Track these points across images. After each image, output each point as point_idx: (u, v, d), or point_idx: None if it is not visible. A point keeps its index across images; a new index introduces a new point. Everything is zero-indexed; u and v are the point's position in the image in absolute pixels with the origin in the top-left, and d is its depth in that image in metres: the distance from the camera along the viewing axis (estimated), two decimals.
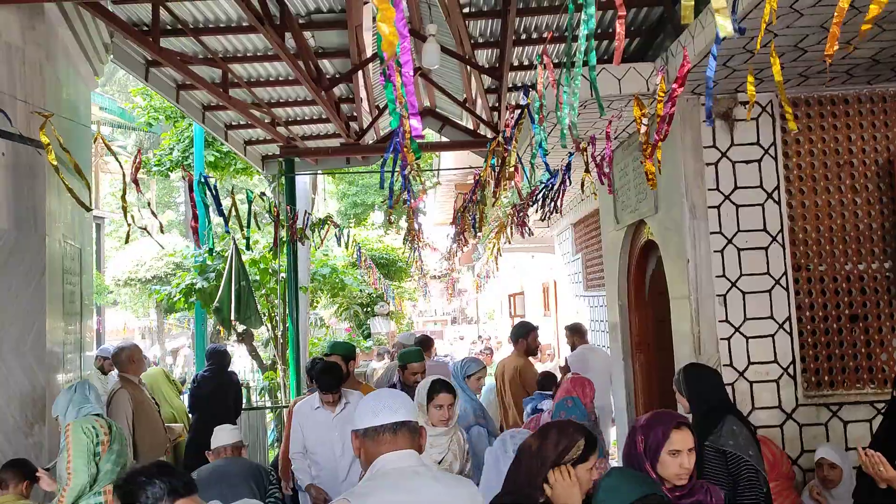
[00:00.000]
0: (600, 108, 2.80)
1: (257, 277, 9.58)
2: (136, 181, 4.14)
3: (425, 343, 7.44)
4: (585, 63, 2.50)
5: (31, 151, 4.33)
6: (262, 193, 6.80)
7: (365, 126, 8.25)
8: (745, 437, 3.43)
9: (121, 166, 4.16)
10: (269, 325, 10.05)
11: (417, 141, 4.34)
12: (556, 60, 6.44)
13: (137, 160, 4.20)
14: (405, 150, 2.94)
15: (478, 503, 2.40)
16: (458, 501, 2.29)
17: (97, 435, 3.90)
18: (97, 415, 4.01)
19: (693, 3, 1.94)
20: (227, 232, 5.89)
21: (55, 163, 3.68)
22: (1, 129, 4.13)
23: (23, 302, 4.20)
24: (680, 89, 2.63)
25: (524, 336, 6.42)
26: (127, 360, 5.61)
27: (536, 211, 7.45)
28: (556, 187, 5.98)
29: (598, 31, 5.92)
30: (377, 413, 2.29)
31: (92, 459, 3.83)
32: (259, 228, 8.71)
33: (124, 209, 4.19)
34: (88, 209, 3.90)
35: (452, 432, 3.99)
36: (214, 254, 9.50)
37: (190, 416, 7.06)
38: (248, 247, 7.32)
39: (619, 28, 2.13)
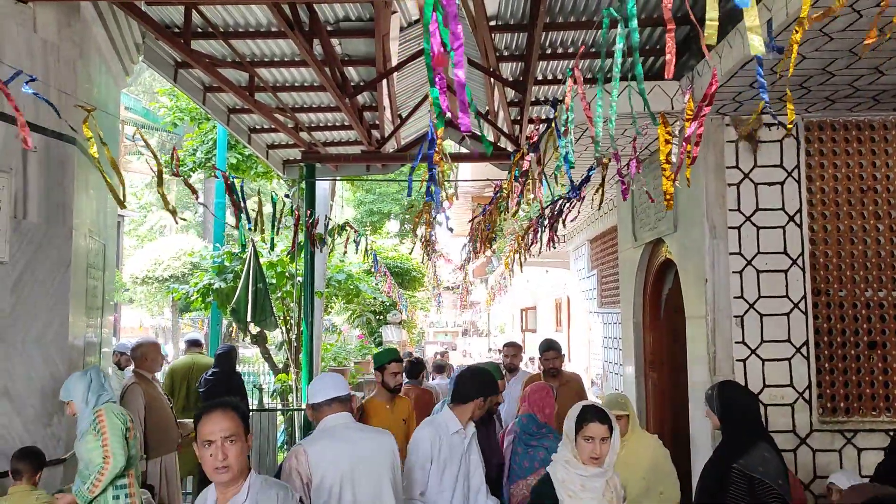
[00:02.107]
0: (653, 119, 2.84)
1: (273, 280, 9.64)
2: (177, 174, 4.21)
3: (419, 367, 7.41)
4: (625, 77, 2.53)
5: (61, 147, 4.40)
6: (287, 195, 6.87)
7: (386, 134, 8.29)
8: (776, 465, 3.37)
9: (157, 161, 4.23)
10: (283, 329, 10.11)
11: (439, 152, 4.38)
12: (583, 76, 6.45)
13: (175, 157, 4.28)
14: (438, 155, 2.97)
15: (394, 451, 3.40)
16: (380, 447, 3.34)
17: (126, 421, 4.02)
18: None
19: (717, 24, 1.95)
20: (251, 229, 5.94)
21: (97, 155, 3.75)
22: (34, 123, 4.21)
23: (48, 294, 4.25)
24: (708, 108, 2.65)
25: (540, 354, 6.31)
26: (142, 356, 5.68)
27: (549, 228, 7.47)
28: (572, 201, 6.01)
29: (627, 47, 5.94)
30: (323, 391, 3.42)
31: (125, 443, 3.95)
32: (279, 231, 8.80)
33: (163, 197, 4.27)
34: (123, 205, 3.97)
35: (608, 474, 3.11)
36: (233, 255, 9.59)
37: None
38: (272, 248, 7.39)
39: (669, 41, 2.16)
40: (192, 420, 6.99)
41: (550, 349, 6.15)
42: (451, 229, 6.56)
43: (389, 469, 3.33)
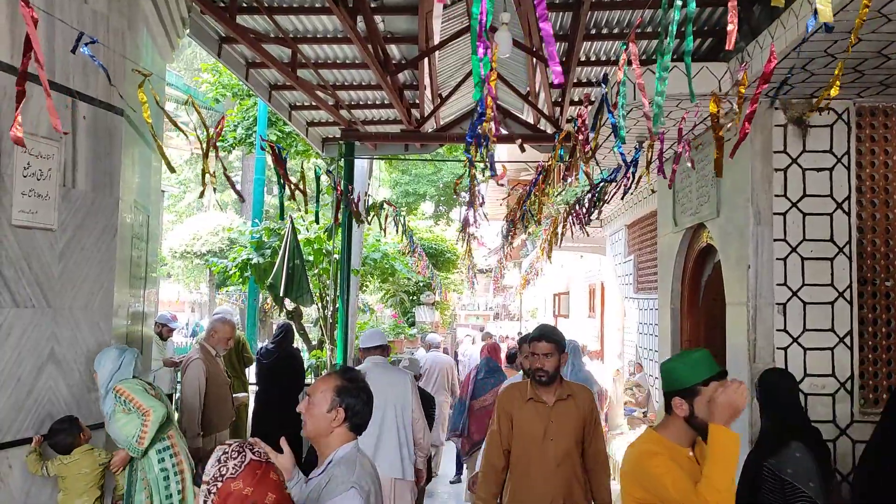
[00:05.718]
0: (692, 96, 2.79)
1: (311, 257, 9.72)
2: (215, 146, 4.25)
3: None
4: (678, 58, 2.49)
5: (110, 117, 4.48)
6: (329, 171, 6.91)
7: (426, 113, 8.28)
8: (807, 466, 3.23)
9: (206, 130, 4.28)
10: (319, 305, 10.20)
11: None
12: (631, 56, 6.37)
13: (221, 125, 4.31)
14: (484, 128, 2.96)
15: (408, 386, 4.99)
16: (398, 382, 5.01)
17: (144, 384, 4.05)
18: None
19: None
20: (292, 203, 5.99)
21: (150, 121, 3.81)
22: (83, 92, 4.29)
23: (94, 262, 4.34)
24: (765, 85, 2.59)
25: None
26: (211, 331, 5.81)
27: (593, 207, 7.41)
28: (617, 182, 5.96)
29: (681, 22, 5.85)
30: (368, 341, 5.24)
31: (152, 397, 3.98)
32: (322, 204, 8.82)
33: (203, 167, 4.30)
34: (173, 170, 4.02)
35: None
36: (272, 230, 9.68)
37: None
38: (316, 221, 7.44)
39: (731, 16, 2.12)
40: (244, 393, 7.10)
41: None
42: (501, 184, 6.62)
43: (399, 405, 4.86)
